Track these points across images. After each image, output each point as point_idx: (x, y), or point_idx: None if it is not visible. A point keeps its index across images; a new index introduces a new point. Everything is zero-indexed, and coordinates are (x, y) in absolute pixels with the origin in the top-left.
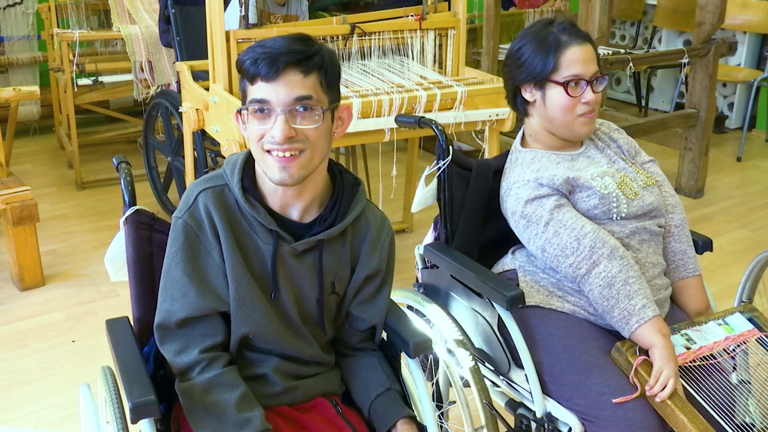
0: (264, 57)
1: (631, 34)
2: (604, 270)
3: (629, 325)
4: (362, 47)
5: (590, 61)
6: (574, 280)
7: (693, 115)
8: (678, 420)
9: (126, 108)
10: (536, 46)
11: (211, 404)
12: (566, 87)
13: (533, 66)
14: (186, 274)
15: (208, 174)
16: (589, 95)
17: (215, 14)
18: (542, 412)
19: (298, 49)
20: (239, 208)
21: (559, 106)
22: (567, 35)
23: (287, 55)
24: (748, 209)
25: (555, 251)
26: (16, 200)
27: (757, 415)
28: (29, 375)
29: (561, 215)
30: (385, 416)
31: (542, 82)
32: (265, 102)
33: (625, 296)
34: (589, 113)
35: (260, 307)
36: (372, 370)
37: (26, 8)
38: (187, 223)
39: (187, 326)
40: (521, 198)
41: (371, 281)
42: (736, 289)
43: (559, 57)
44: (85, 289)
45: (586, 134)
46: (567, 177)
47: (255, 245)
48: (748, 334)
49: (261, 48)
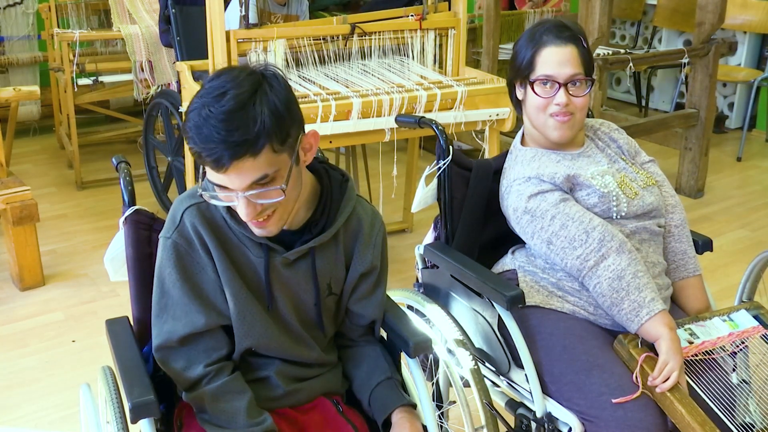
0: (207, 155)
1: (631, 34)
2: (614, 263)
3: (639, 317)
4: (362, 47)
5: (566, 63)
6: (580, 273)
7: (693, 115)
8: (677, 412)
9: (126, 108)
10: (524, 43)
11: (221, 411)
12: (533, 85)
13: (518, 63)
14: (184, 293)
15: (190, 189)
16: (561, 97)
17: (215, 14)
18: (542, 412)
19: (237, 140)
20: (226, 222)
21: (533, 105)
22: (549, 35)
23: (229, 151)
24: (748, 209)
25: (562, 243)
26: (16, 200)
27: (757, 415)
28: (29, 375)
29: (567, 208)
30: (384, 403)
31: (524, 80)
32: (223, 187)
33: (635, 288)
34: (563, 115)
35: (261, 320)
36: (374, 359)
37: (26, 8)
38: (177, 242)
39: (190, 343)
40: (524, 194)
41: (367, 278)
42: (736, 289)
43: (536, 56)
44: (85, 289)
45: (558, 139)
46: (567, 174)
47: (246, 258)
48: (752, 331)
49: (201, 143)
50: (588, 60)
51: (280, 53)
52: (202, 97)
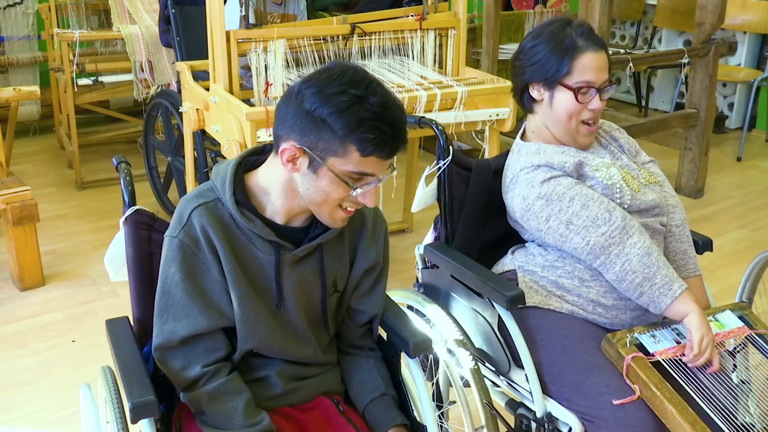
0: (392, 139)
1: (631, 34)
2: (639, 240)
3: (672, 290)
4: (362, 47)
5: (603, 69)
6: (603, 251)
7: (693, 115)
8: (667, 411)
9: (126, 108)
10: (552, 46)
11: (218, 411)
12: (576, 93)
13: (547, 67)
14: (187, 294)
15: (197, 189)
16: (596, 103)
17: (215, 14)
18: (542, 412)
19: (406, 126)
20: (234, 221)
21: (566, 109)
22: (584, 40)
23: (404, 136)
24: (748, 209)
25: (584, 222)
26: (16, 200)
27: (757, 415)
28: (29, 375)
29: (585, 190)
30: (378, 421)
31: (553, 84)
32: (373, 175)
33: (663, 264)
34: (593, 124)
35: (264, 322)
36: (368, 373)
37: (26, 8)
38: (183, 242)
39: (190, 343)
40: (535, 180)
41: (370, 274)
42: (736, 289)
43: (574, 62)
44: (85, 289)
45: (586, 145)
46: (576, 162)
47: (254, 257)
48: (738, 332)
49: (391, 130)
50: (610, 64)
51: (280, 53)
52: (345, 87)
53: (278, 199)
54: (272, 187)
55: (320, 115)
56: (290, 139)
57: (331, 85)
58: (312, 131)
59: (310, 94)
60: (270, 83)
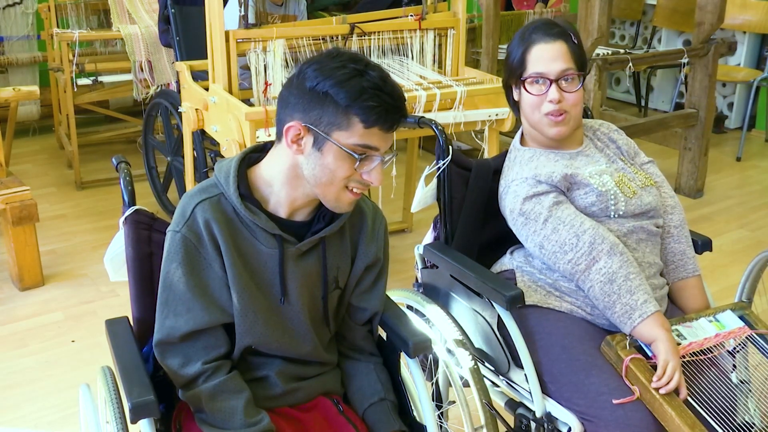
0: (392, 110)
1: (630, 34)
2: (605, 266)
3: (632, 320)
4: (362, 47)
5: (557, 59)
6: (573, 277)
7: (693, 115)
8: (666, 414)
9: (126, 108)
10: (515, 44)
11: (218, 410)
12: (524, 84)
13: (510, 64)
14: (189, 289)
15: (200, 185)
16: (553, 94)
17: (215, 14)
18: (542, 412)
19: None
20: (238, 216)
21: (528, 104)
22: (537, 33)
23: (404, 109)
24: (747, 209)
25: (553, 248)
26: (16, 200)
27: (757, 415)
28: (29, 375)
29: (560, 212)
30: (376, 426)
31: (518, 81)
32: (377, 149)
33: (626, 291)
34: (557, 114)
35: (263, 318)
36: (368, 377)
37: (26, 8)
38: (186, 237)
39: (190, 339)
40: (519, 195)
41: (371, 271)
42: (736, 289)
43: (527, 55)
44: (85, 289)
45: (555, 135)
46: (565, 173)
47: (257, 252)
48: (738, 332)
49: (393, 100)
50: (579, 55)
51: (280, 53)
52: (345, 62)
53: (282, 189)
54: (276, 177)
55: (322, 89)
56: (294, 119)
57: (331, 62)
58: (315, 107)
59: (311, 71)
60: (269, 83)
